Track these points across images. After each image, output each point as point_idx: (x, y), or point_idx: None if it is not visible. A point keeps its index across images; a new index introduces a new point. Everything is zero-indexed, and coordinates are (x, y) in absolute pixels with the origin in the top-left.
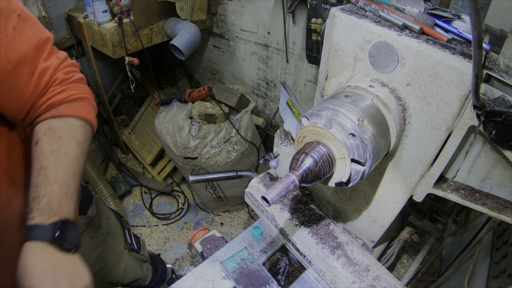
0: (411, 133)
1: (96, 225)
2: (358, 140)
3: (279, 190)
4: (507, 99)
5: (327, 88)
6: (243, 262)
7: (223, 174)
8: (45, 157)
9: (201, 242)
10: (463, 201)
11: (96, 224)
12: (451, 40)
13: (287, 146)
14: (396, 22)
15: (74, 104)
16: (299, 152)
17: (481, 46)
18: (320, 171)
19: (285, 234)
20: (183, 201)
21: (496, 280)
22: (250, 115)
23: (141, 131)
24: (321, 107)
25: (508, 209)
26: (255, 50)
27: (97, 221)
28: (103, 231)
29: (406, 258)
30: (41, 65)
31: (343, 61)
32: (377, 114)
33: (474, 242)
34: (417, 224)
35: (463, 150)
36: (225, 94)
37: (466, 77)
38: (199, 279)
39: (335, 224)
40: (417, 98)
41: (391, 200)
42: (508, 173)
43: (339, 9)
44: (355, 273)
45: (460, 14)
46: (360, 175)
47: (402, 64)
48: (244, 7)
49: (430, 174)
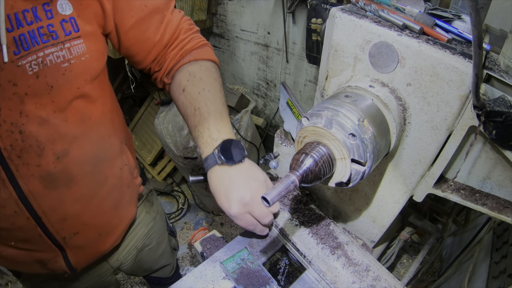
0: (411, 133)
1: (150, 201)
2: (358, 140)
3: (279, 190)
4: (507, 99)
5: (327, 88)
6: (243, 262)
7: None
8: (195, 99)
9: (201, 242)
10: (463, 201)
11: (150, 200)
12: (451, 40)
13: (287, 146)
14: (396, 22)
15: (202, 49)
16: (299, 152)
17: (481, 46)
18: (320, 171)
19: (285, 234)
20: (183, 201)
21: (496, 280)
22: (250, 115)
23: (141, 131)
24: (321, 107)
25: (508, 209)
26: (255, 50)
27: (151, 198)
28: (155, 208)
29: (406, 258)
30: (168, 16)
31: (343, 61)
32: (377, 114)
33: (474, 242)
34: (417, 224)
35: (463, 150)
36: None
37: (466, 77)
38: (199, 279)
39: (335, 224)
40: (417, 98)
41: (391, 200)
42: (508, 173)
43: (339, 9)
44: (355, 273)
45: (460, 14)
46: (360, 175)
47: (402, 64)
48: (244, 7)
49: (430, 174)
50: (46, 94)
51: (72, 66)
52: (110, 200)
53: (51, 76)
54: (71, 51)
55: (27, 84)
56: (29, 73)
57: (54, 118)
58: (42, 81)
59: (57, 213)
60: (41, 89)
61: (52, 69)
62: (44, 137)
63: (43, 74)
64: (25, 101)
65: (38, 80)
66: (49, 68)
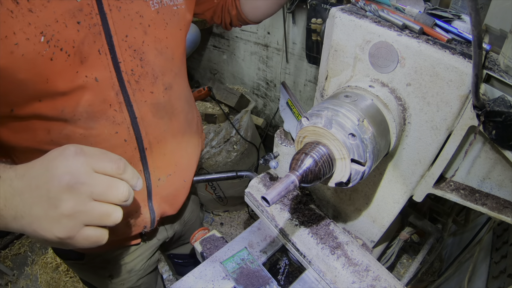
0: (411, 133)
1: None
2: (358, 140)
3: (279, 190)
4: (507, 99)
5: (327, 88)
6: (243, 262)
7: (223, 174)
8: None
9: (201, 242)
10: (463, 201)
11: None
12: (451, 40)
13: (287, 146)
14: (396, 22)
15: None
16: (299, 152)
17: (481, 46)
18: (320, 171)
19: (285, 234)
20: None
21: (496, 280)
22: (250, 115)
23: None
24: (321, 107)
25: (508, 209)
26: (255, 50)
27: None
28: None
29: (406, 258)
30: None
31: (343, 61)
32: (377, 114)
33: (474, 242)
34: (417, 224)
35: (463, 150)
36: (225, 94)
37: (466, 77)
38: (199, 279)
39: (335, 224)
40: (417, 98)
41: (391, 200)
42: (508, 173)
43: (339, 9)
44: (355, 273)
45: (460, 14)
46: (360, 175)
47: (402, 64)
48: None
49: (430, 174)
50: (162, 29)
51: (179, 10)
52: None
53: (167, 14)
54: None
55: (150, 17)
56: (152, 8)
57: (165, 53)
58: (161, 17)
59: (160, 145)
60: (160, 24)
61: (167, 9)
62: (158, 67)
63: (162, 11)
64: (148, 32)
65: (158, 16)
66: (165, 8)
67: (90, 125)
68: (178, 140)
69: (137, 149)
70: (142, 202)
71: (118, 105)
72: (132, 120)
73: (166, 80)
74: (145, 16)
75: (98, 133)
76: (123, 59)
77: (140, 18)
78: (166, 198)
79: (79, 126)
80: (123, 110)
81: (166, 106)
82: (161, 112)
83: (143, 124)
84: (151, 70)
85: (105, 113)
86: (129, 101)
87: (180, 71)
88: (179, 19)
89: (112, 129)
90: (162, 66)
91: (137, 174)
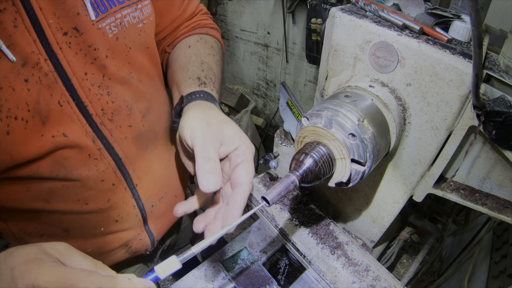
0: (411, 133)
1: None
2: (358, 140)
3: (279, 190)
4: (507, 99)
5: (327, 88)
6: (243, 262)
7: None
8: (205, 56)
9: None
10: (463, 201)
11: None
12: (451, 40)
13: (287, 146)
14: (396, 22)
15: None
16: (299, 152)
17: (481, 46)
18: (320, 171)
19: (285, 234)
20: None
21: (496, 280)
22: (250, 115)
23: None
24: (321, 107)
25: (508, 209)
26: (255, 50)
27: None
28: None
29: (406, 258)
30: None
31: (343, 61)
32: (377, 114)
33: (474, 242)
34: (417, 224)
35: (463, 150)
36: (225, 94)
37: (466, 77)
38: (199, 279)
39: (335, 224)
40: (417, 98)
41: (391, 200)
42: (508, 173)
43: (339, 9)
44: (355, 273)
45: (460, 14)
46: (360, 175)
47: (402, 64)
48: (244, 7)
49: (430, 174)
50: (124, 55)
51: (145, 26)
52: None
53: (129, 37)
54: (143, 11)
55: (107, 47)
56: (110, 35)
57: (132, 78)
58: (121, 43)
59: (149, 176)
60: (120, 51)
61: (129, 30)
62: (129, 96)
63: (122, 36)
64: (106, 65)
65: (117, 42)
66: (127, 29)
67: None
68: (165, 163)
69: (127, 188)
70: (139, 229)
71: (98, 152)
72: (117, 163)
73: (141, 105)
74: (101, 47)
75: (82, 184)
76: (89, 100)
77: (94, 52)
78: (162, 218)
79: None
80: (104, 156)
81: (147, 134)
82: (144, 143)
83: (129, 162)
84: (123, 102)
85: (85, 164)
86: (108, 144)
87: (155, 85)
88: (146, 36)
89: (97, 178)
90: (132, 94)
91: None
